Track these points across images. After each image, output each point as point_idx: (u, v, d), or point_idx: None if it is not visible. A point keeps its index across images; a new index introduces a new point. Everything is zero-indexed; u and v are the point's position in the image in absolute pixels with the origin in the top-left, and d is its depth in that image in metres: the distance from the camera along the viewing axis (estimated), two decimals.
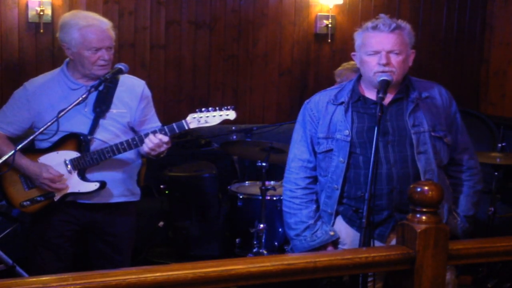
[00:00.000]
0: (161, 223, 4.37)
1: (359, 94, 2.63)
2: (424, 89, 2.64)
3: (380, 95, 2.43)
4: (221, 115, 2.90)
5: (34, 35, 5.03)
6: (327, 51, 5.80)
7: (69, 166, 2.96)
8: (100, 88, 2.92)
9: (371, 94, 2.61)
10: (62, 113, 2.76)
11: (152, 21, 5.33)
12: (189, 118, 2.89)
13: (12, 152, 2.71)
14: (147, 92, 3.15)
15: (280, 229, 4.09)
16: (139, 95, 3.09)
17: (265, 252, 3.89)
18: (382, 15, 2.59)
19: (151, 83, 5.24)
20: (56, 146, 2.98)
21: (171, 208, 4.39)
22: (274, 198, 4.06)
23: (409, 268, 1.84)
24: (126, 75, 3.07)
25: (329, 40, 5.74)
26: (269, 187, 3.95)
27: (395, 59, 2.53)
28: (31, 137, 2.79)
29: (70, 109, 2.77)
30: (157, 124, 3.16)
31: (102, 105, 2.99)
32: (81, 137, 2.95)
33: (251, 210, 4.09)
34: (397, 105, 2.60)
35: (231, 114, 2.92)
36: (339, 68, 4.28)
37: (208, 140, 5.01)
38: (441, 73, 6.12)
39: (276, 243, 4.06)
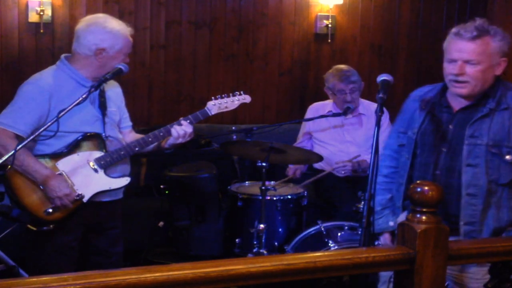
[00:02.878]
0: (161, 223, 4.36)
1: (442, 96, 2.58)
2: (507, 99, 2.47)
3: (380, 95, 2.42)
4: (238, 100, 3.14)
5: (34, 35, 5.03)
6: (327, 51, 5.80)
7: (95, 165, 2.95)
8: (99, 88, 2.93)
9: (451, 99, 2.56)
10: (63, 113, 2.72)
11: (152, 21, 5.33)
12: (209, 105, 2.99)
13: (12, 152, 2.62)
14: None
15: (280, 229, 4.09)
16: (121, 94, 3.19)
17: (265, 252, 3.88)
18: (477, 18, 2.48)
19: (151, 83, 5.30)
20: (75, 148, 2.93)
21: (171, 208, 4.39)
22: (274, 198, 4.05)
23: (409, 268, 1.83)
24: None
25: (329, 40, 5.74)
26: (269, 187, 3.94)
27: (471, 70, 2.42)
28: (31, 137, 2.73)
29: (70, 109, 2.73)
30: (129, 123, 3.25)
31: (104, 104, 3.03)
32: (101, 136, 2.96)
33: (251, 210, 4.08)
34: (467, 112, 2.49)
35: (247, 98, 3.19)
36: (327, 73, 4.31)
37: (208, 140, 5.01)
38: (441, 73, 6.10)
39: (276, 243, 4.04)
